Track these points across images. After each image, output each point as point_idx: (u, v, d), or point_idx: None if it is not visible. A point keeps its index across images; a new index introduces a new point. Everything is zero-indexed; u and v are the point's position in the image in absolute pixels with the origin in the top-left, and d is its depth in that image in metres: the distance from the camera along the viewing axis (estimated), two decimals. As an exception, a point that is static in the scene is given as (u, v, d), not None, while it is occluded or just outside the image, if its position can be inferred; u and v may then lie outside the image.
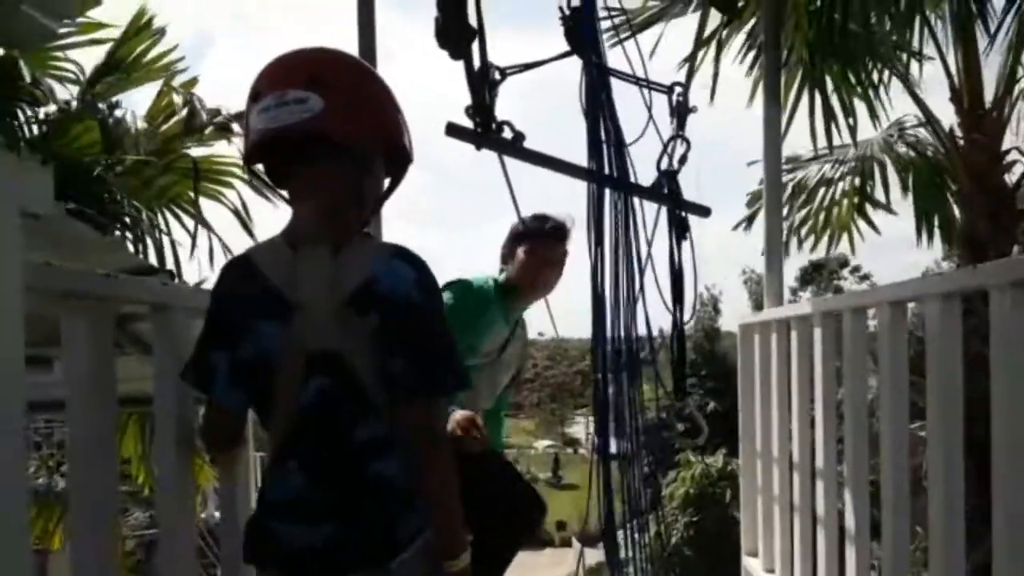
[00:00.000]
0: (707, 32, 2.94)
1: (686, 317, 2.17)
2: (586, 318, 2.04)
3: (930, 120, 4.14)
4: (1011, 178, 3.97)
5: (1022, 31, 3.12)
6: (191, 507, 1.59)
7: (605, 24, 2.57)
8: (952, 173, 4.31)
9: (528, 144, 1.91)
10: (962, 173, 3.97)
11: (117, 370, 1.31)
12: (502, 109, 1.91)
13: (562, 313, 2.47)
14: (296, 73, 1.18)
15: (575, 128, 1.96)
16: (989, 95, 3.88)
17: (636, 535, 2.17)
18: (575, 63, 1.95)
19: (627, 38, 2.12)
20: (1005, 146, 3.94)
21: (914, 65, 3.89)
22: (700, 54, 3.33)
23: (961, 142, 3.97)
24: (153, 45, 4.19)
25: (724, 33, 3.43)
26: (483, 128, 1.87)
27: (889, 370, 1.74)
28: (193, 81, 4.27)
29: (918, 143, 4.74)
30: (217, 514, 2.94)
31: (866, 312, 1.94)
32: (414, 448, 1.17)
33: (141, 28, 4.13)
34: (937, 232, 4.65)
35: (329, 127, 1.16)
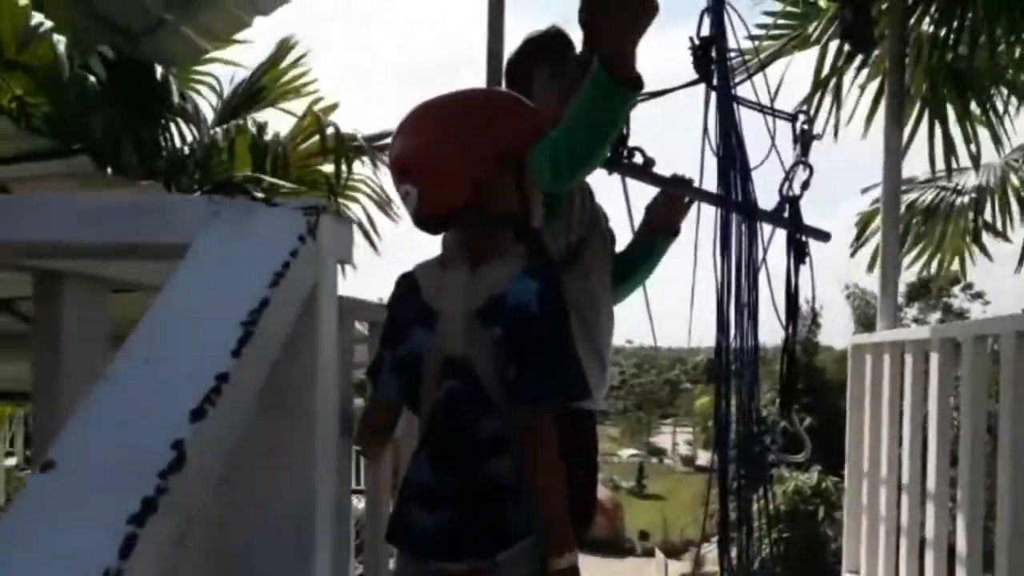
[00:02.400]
0: (826, 67, 2.97)
1: (797, 336, 2.26)
2: (679, 328, 2.15)
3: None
4: None
5: None
6: (348, 492, 1.79)
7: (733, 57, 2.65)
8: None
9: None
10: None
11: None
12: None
13: (655, 321, 2.54)
14: (397, 164, 1.38)
15: (684, 149, 2.05)
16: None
17: (743, 547, 2.24)
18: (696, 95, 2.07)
19: (753, 74, 2.20)
20: None
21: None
22: (820, 84, 3.37)
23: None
24: (293, 69, 4.61)
25: (843, 64, 3.45)
26: (617, 152, 2.01)
27: (1011, 399, 1.78)
28: (333, 107, 4.65)
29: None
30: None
31: (987, 340, 1.98)
32: (523, 449, 1.27)
33: (285, 54, 4.55)
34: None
35: (431, 209, 1.34)
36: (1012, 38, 3.14)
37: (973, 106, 3.60)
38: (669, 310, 2.33)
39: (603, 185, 2.06)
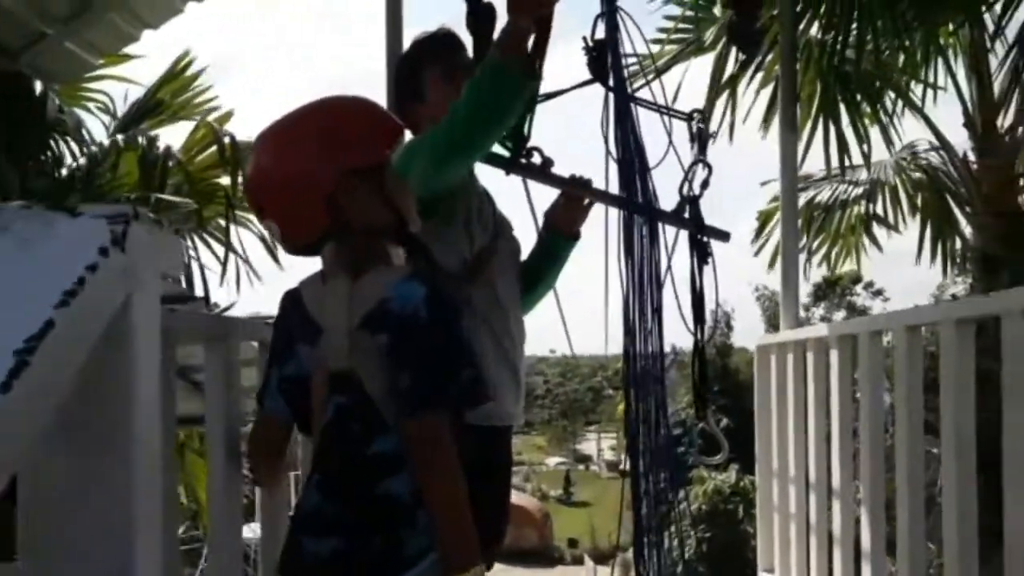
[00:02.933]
0: (727, 70, 3.04)
1: (706, 337, 2.25)
2: (598, 335, 2.12)
3: (943, 145, 4.22)
4: (1024, 199, 4.04)
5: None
6: (239, 523, 1.66)
7: (629, 60, 2.66)
8: (962, 196, 4.38)
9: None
10: (975, 196, 4.04)
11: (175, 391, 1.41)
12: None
13: (574, 331, 2.51)
14: (253, 204, 1.37)
15: (584, 154, 2.02)
16: (1002, 119, 3.95)
17: (659, 550, 2.22)
18: (594, 97, 2.04)
19: (652, 80, 2.19)
20: (1018, 169, 4.00)
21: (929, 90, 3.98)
22: (719, 90, 3.43)
23: (974, 166, 4.04)
24: (191, 84, 4.41)
25: (739, 69, 3.54)
26: (515, 153, 1.95)
27: (905, 392, 1.80)
28: (227, 116, 4.45)
29: (929, 167, 4.83)
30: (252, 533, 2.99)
31: (881, 335, 2.01)
32: (418, 462, 1.20)
33: (181, 71, 4.34)
34: (947, 250, 4.72)
35: (296, 239, 1.32)
36: (896, 44, 3.28)
37: (865, 107, 3.75)
38: (587, 318, 2.28)
39: (505, 191, 2.01)
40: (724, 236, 2.26)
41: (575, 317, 2.36)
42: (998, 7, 3.28)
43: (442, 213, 1.65)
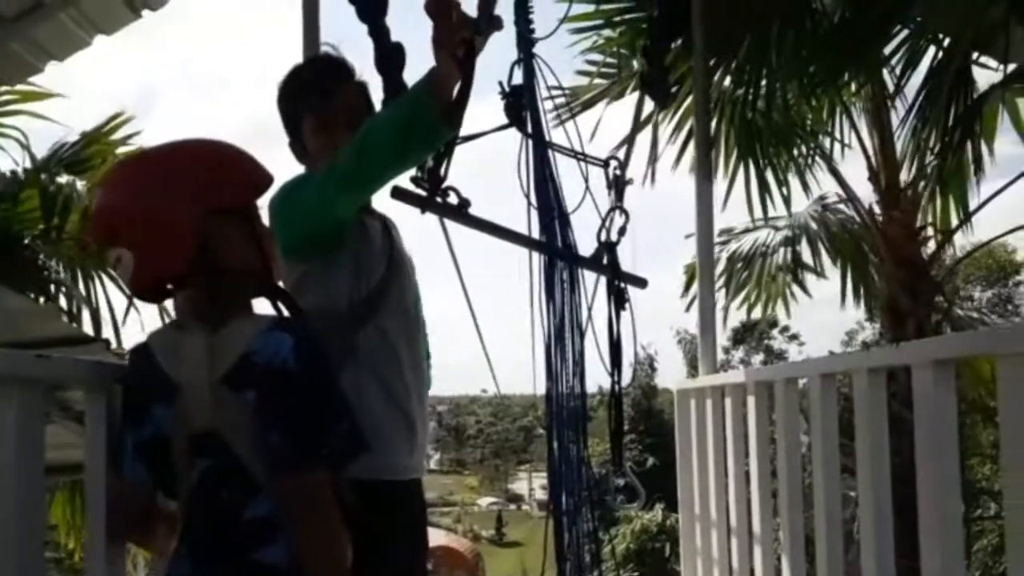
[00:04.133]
0: (643, 116, 3.11)
1: (624, 382, 2.24)
2: (528, 375, 2.08)
3: (850, 197, 4.42)
4: (926, 251, 4.23)
5: (927, 120, 3.38)
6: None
7: (547, 105, 2.68)
8: (872, 246, 4.58)
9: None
10: (881, 247, 4.22)
11: (44, 442, 1.27)
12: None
13: (504, 370, 2.47)
14: (101, 230, 1.22)
15: (506, 202, 2.00)
16: (904, 174, 4.18)
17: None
18: (511, 140, 2.03)
19: (569, 118, 2.19)
20: (919, 223, 4.22)
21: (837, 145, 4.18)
22: (635, 131, 3.51)
23: (880, 218, 4.23)
24: (122, 145, 4.25)
25: (660, 116, 3.63)
26: (430, 193, 1.90)
27: (821, 437, 1.81)
28: (138, 152, 4.32)
29: (843, 217, 5.05)
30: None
31: (797, 382, 2.03)
32: (294, 524, 1.13)
33: (116, 128, 4.24)
34: (863, 297, 4.92)
35: (153, 272, 1.20)
36: (804, 100, 3.43)
37: (782, 154, 3.89)
38: (516, 357, 2.24)
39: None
40: (641, 283, 2.27)
41: (504, 357, 2.33)
42: (898, 69, 3.47)
43: (330, 250, 1.55)
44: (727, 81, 3.46)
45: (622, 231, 2.21)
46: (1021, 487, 1.12)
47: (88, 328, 3.80)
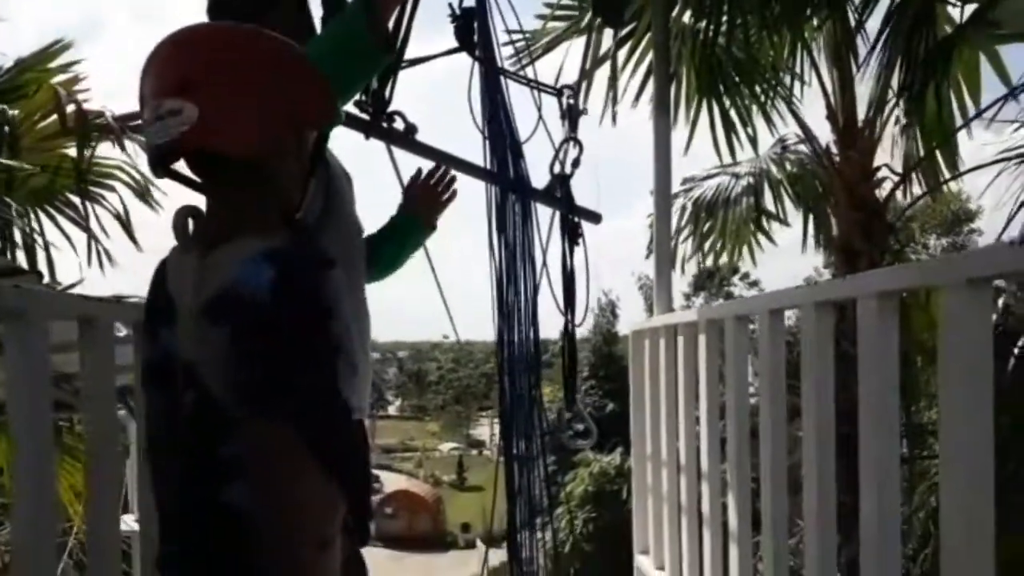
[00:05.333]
0: (602, 50, 3.01)
1: (578, 320, 2.20)
2: (489, 321, 2.03)
3: (809, 138, 4.38)
4: (881, 193, 4.24)
5: (891, 57, 3.34)
6: (51, 519, 1.46)
7: (507, 51, 2.56)
8: (829, 186, 4.57)
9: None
10: (837, 188, 4.21)
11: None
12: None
13: (466, 316, 2.41)
14: (168, 77, 1.08)
15: (458, 132, 1.93)
16: (862, 114, 4.15)
17: (536, 534, 2.17)
18: (466, 66, 1.94)
19: (530, 63, 2.11)
20: (876, 163, 4.21)
21: (796, 84, 4.13)
22: (593, 66, 3.42)
23: (837, 159, 4.22)
24: (63, 72, 4.01)
25: (618, 51, 3.54)
26: (374, 116, 1.82)
27: (768, 373, 1.81)
28: (73, 80, 4.05)
29: (802, 159, 5.03)
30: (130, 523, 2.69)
31: (748, 319, 2.01)
32: (254, 475, 1.05)
33: (55, 55, 3.96)
34: (823, 243, 4.95)
35: (207, 140, 1.07)
36: (764, 36, 3.35)
37: (744, 90, 3.82)
38: (476, 303, 2.18)
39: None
40: (595, 217, 2.21)
41: (466, 301, 2.26)
42: (858, 1, 3.41)
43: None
44: (687, 16, 3.37)
45: (576, 163, 2.14)
46: (956, 420, 1.11)
47: (23, 262, 3.63)
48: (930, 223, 14.75)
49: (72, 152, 4.11)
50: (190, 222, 1.11)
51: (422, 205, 1.89)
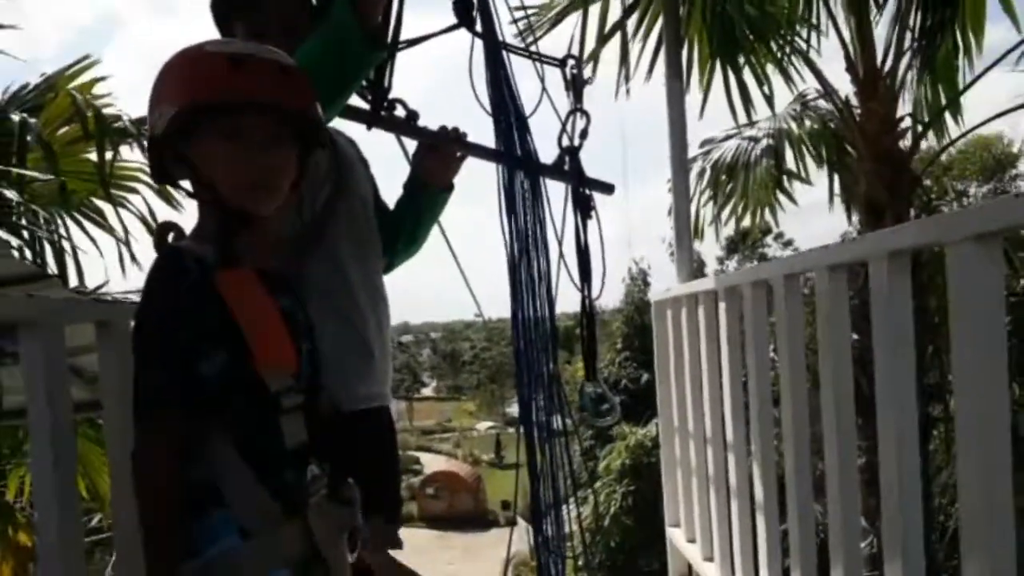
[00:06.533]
0: (613, 20, 2.95)
1: (595, 294, 2.17)
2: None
3: (828, 92, 4.25)
4: (905, 144, 4.10)
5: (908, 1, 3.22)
6: (75, 524, 1.50)
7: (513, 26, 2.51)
8: (851, 141, 4.44)
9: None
10: (859, 141, 4.07)
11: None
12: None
13: (497, 293, 2.38)
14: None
15: (460, 109, 1.89)
16: (884, 65, 4.00)
17: (561, 512, 2.17)
18: (464, 42, 1.91)
19: (539, 37, 2.06)
20: (899, 113, 4.07)
21: (814, 38, 4.00)
22: (605, 37, 3.35)
23: (858, 111, 4.08)
24: (90, 89, 4.06)
25: (626, 19, 3.46)
26: (374, 107, 1.80)
27: (787, 338, 1.78)
28: (91, 83, 4.10)
29: (823, 114, 4.90)
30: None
31: (766, 284, 1.97)
32: None
33: (78, 73, 4.01)
34: (847, 200, 4.83)
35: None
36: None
37: (759, 48, 3.72)
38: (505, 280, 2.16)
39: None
40: (608, 188, 2.17)
41: (494, 280, 2.23)
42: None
43: None
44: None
45: (584, 134, 2.09)
46: (969, 381, 1.08)
47: (53, 268, 3.71)
48: (971, 170, 14.18)
49: (94, 157, 4.17)
50: (169, 237, 1.11)
51: (434, 169, 1.83)
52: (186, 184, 1.15)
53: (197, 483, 1.04)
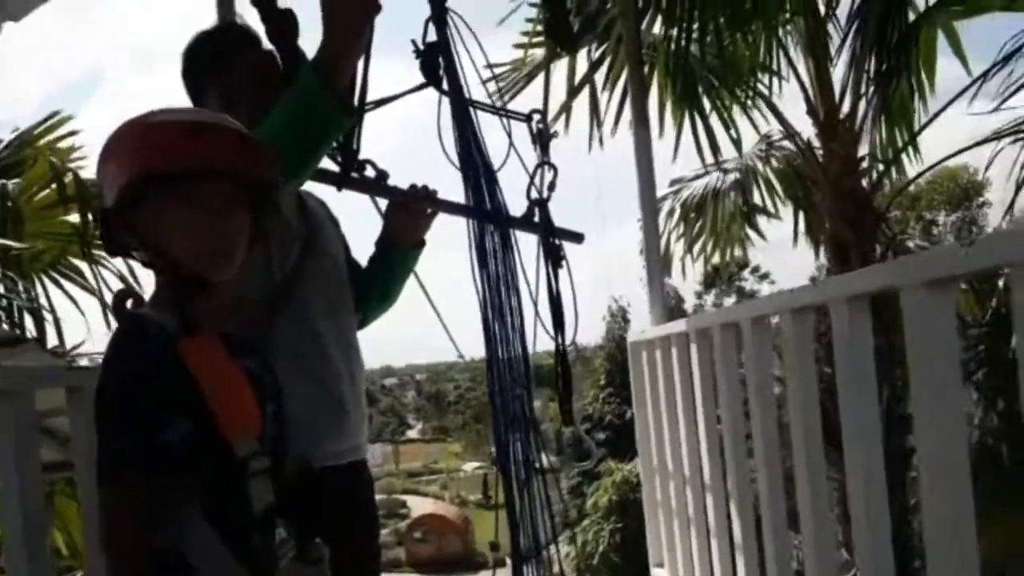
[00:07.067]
0: (578, 75, 3.05)
1: (568, 340, 2.20)
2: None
3: (790, 134, 4.38)
4: (867, 183, 4.22)
5: (864, 43, 3.35)
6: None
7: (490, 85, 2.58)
8: (814, 180, 4.57)
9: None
10: (822, 181, 4.20)
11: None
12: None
13: (478, 333, 2.39)
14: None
15: (429, 166, 1.94)
16: (843, 106, 4.14)
17: (542, 555, 2.16)
18: (432, 100, 1.95)
19: (521, 90, 2.12)
20: (861, 153, 4.19)
21: (776, 83, 4.13)
22: (573, 92, 3.45)
23: (820, 152, 4.21)
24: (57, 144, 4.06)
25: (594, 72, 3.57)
26: (345, 168, 1.83)
27: (755, 381, 1.81)
28: (70, 149, 4.12)
29: (787, 155, 5.04)
30: None
31: (735, 327, 2.01)
32: None
33: (51, 128, 4.02)
34: (811, 236, 4.95)
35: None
36: (737, 37, 3.36)
37: (724, 95, 3.85)
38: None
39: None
40: (577, 237, 2.22)
41: (476, 319, 2.24)
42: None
43: None
44: (658, 25, 3.39)
45: (552, 186, 2.15)
46: (927, 419, 1.11)
47: (31, 330, 3.67)
48: (938, 200, 14.62)
49: (73, 219, 4.17)
50: (128, 304, 1.13)
51: (404, 227, 1.86)
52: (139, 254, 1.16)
53: (164, 549, 1.04)
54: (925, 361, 1.11)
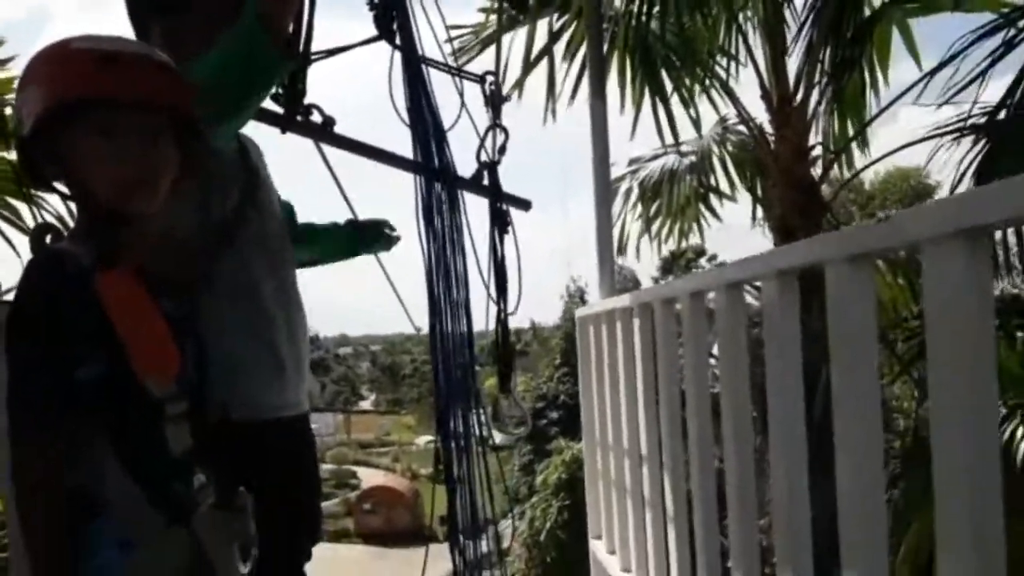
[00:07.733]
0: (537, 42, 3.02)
1: (511, 308, 2.20)
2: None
3: (744, 119, 4.42)
4: (816, 171, 4.29)
5: (820, 34, 3.38)
6: None
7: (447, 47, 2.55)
8: (766, 166, 4.63)
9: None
10: (773, 167, 4.25)
11: None
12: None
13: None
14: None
15: (380, 123, 1.91)
16: (796, 95, 4.18)
17: (480, 531, 2.18)
18: (384, 55, 1.92)
19: (478, 55, 2.09)
20: (812, 141, 4.25)
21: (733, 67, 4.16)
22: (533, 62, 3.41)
23: (772, 138, 4.25)
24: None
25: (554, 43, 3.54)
26: (288, 111, 1.79)
27: (693, 355, 1.83)
28: (8, 81, 3.94)
29: (743, 139, 5.09)
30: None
31: (674, 303, 2.02)
32: None
33: None
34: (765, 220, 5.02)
35: None
36: (697, 17, 3.37)
37: (683, 75, 3.85)
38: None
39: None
40: (524, 204, 2.21)
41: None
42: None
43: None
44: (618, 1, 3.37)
45: (502, 150, 2.13)
46: (844, 397, 1.13)
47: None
48: (891, 199, 15.07)
49: (11, 156, 4.01)
50: (47, 239, 1.09)
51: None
52: (61, 187, 1.12)
53: (74, 488, 1.01)
54: (845, 334, 1.12)
